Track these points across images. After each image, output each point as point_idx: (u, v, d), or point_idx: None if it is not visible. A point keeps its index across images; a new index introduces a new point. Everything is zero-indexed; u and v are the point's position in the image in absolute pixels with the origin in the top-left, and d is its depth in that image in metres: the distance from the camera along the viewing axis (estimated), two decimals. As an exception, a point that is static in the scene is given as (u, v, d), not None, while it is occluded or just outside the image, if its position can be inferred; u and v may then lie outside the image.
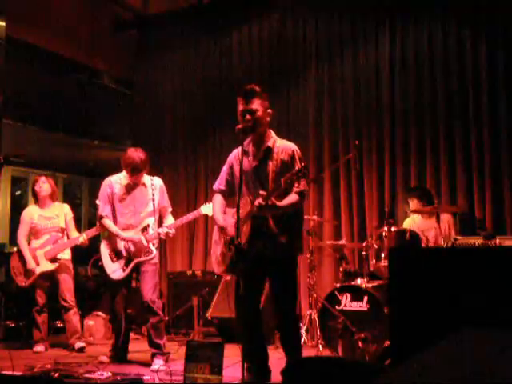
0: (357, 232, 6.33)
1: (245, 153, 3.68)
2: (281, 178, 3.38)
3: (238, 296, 3.55)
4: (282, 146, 3.68)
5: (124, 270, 4.68)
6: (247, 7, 7.29)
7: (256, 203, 3.41)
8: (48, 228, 5.62)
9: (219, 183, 3.95)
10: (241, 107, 3.63)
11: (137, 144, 5.27)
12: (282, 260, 3.61)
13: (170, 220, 4.86)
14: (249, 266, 3.49)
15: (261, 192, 3.44)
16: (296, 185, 3.48)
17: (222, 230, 3.74)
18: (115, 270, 4.70)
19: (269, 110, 3.72)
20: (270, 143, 3.68)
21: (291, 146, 3.70)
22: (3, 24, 6.85)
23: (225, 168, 3.91)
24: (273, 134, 3.76)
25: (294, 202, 3.54)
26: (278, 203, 3.44)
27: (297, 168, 3.32)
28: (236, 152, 3.77)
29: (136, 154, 4.72)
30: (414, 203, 5.60)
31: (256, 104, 3.64)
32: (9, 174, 8.23)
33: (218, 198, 3.94)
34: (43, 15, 6.94)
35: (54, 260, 5.50)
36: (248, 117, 3.59)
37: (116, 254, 4.73)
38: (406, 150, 6.18)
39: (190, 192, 7.50)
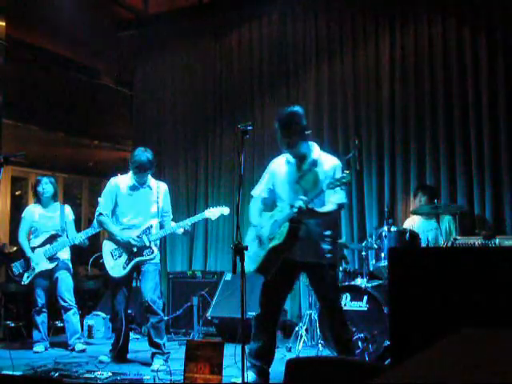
0: (357, 232, 6.33)
1: (288, 162, 3.91)
2: (322, 187, 3.59)
3: (264, 295, 3.69)
4: (326, 158, 3.91)
5: (124, 268, 4.69)
6: (247, 7, 7.29)
7: (297, 206, 3.53)
8: (48, 227, 5.63)
9: (261, 190, 4.03)
10: (279, 137, 3.88)
11: (137, 144, 5.28)
12: (323, 266, 3.77)
13: (169, 223, 4.90)
14: (279, 268, 3.68)
15: (301, 197, 3.59)
16: (336, 195, 3.67)
17: (257, 231, 3.85)
18: (115, 267, 4.72)
19: (308, 132, 3.94)
20: (314, 156, 3.88)
21: (334, 159, 3.95)
22: (3, 24, 6.86)
23: (265, 176, 4.05)
24: (317, 146, 3.99)
25: (332, 211, 3.73)
26: (316, 209, 3.61)
27: (340, 176, 3.53)
28: (277, 161, 4.01)
29: (145, 154, 4.78)
30: (417, 201, 5.60)
31: (293, 134, 3.81)
32: (9, 174, 8.22)
33: (257, 204, 4.01)
34: (43, 15, 6.94)
35: (53, 259, 5.50)
36: (286, 147, 3.87)
37: (117, 253, 4.74)
38: (406, 150, 6.18)
39: (189, 192, 7.50)
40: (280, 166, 3.97)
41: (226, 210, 4.91)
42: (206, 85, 7.54)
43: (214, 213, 4.88)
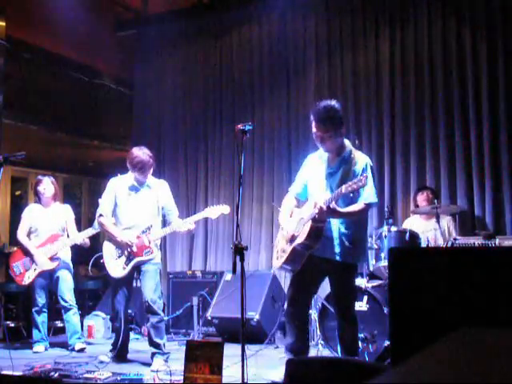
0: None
1: (320, 157, 3.88)
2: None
3: (290, 290, 3.76)
4: (357, 157, 3.82)
5: (124, 269, 4.69)
6: (247, 7, 7.29)
7: (317, 206, 3.52)
8: (48, 227, 5.63)
9: (295, 185, 4.07)
10: (314, 130, 3.83)
11: (137, 144, 5.27)
12: (339, 264, 3.77)
13: (175, 221, 4.87)
14: (305, 264, 3.72)
15: (324, 196, 3.58)
16: (364, 194, 3.64)
17: (282, 228, 3.89)
18: (115, 267, 4.72)
19: (342, 130, 3.90)
20: (345, 154, 3.82)
21: (365, 158, 3.86)
22: (3, 24, 6.86)
23: (301, 170, 4.07)
24: (350, 144, 3.92)
25: (357, 210, 3.68)
26: (338, 209, 3.57)
27: (359, 178, 3.44)
28: (312, 155, 4.01)
29: (142, 152, 4.78)
30: (423, 198, 5.61)
31: (328, 129, 3.77)
32: (9, 174, 8.22)
33: (290, 199, 4.04)
34: (43, 15, 6.94)
35: (53, 259, 5.50)
36: (321, 141, 3.82)
37: (118, 252, 4.75)
38: (406, 149, 6.19)
39: (189, 192, 7.50)
40: (313, 160, 3.96)
41: (226, 209, 4.90)
42: (206, 85, 7.54)
43: (214, 211, 4.88)
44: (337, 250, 3.74)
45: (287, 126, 6.88)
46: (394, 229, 5.02)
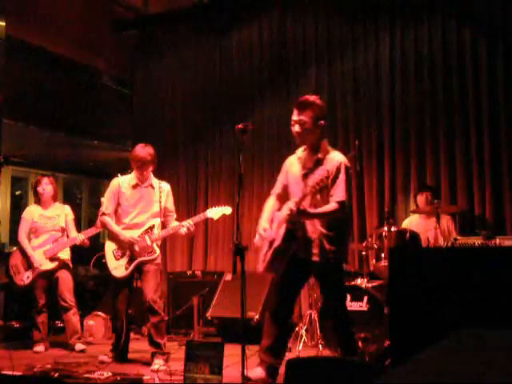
0: (357, 232, 6.33)
1: (298, 158, 3.83)
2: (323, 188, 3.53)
3: (273, 293, 3.72)
4: (332, 157, 3.75)
5: (127, 269, 4.70)
6: (247, 7, 7.29)
7: (287, 209, 3.50)
8: (48, 227, 5.62)
9: (276, 186, 4.00)
10: (293, 117, 3.76)
11: (136, 144, 5.28)
12: (321, 265, 3.72)
13: (174, 223, 4.89)
14: (286, 267, 3.70)
15: (294, 199, 3.55)
16: (335, 193, 3.60)
17: (262, 232, 3.79)
18: (118, 267, 4.73)
19: (321, 122, 3.78)
20: (321, 154, 3.76)
21: (340, 157, 3.76)
22: (3, 24, 6.85)
23: (280, 174, 4.00)
24: (327, 145, 3.85)
25: (329, 211, 3.61)
26: (308, 210, 3.53)
27: (326, 175, 3.42)
28: (292, 155, 3.93)
29: (146, 149, 4.82)
30: (422, 199, 5.61)
31: (306, 115, 3.71)
32: (9, 174, 8.22)
33: (271, 201, 3.96)
34: (43, 15, 6.94)
35: (53, 259, 5.50)
36: (297, 128, 3.73)
37: (120, 252, 4.76)
38: (406, 149, 6.19)
39: (189, 192, 7.50)
40: (292, 162, 3.90)
41: (228, 210, 4.90)
42: (206, 85, 7.54)
43: (216, 212, 4.88)
44: (316, 250, 3.68)
45: (287, 125, 6.83)
46: (393, 229, 5.02)
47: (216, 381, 3.28)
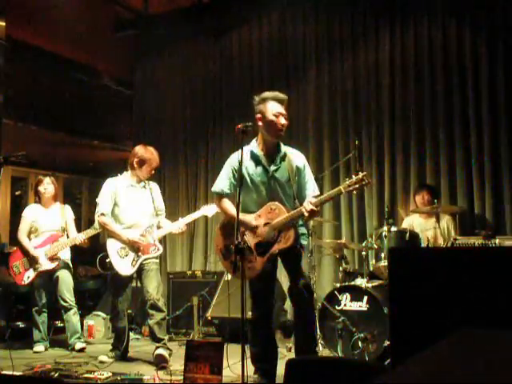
0: (357, 232, 6.33)
1: (254, 157, 3.77)
2: (294, 183, 3.65)
3: (259, 295, 3.75)
4: (295, 152, 3.85)
5: (133, 266, 4.76)
6: (247, 7, 7.29)
7: (309, 209, 3.51)
8: (48, 227, 5.63)
9: (224, 186, 3.86)
10: (281, 110, 3.76)
11: (136, 144, 5.29)
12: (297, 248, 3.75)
13: (165, 221, 4.94)
14: (269, 268, 3.71)
15: (311, 199, 3.59)
16: (311, 186, 3.77)
17: (252, 229, 3.72)
18: (124, 266, 4.77)
19: None
20: (283, 149, 3.82)
21: (300, 153, 3.90)
22: (3, 24, 6.85)
23: (228, 171, 3.87)
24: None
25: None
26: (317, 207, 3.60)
27: (360, 176, 3.53)
28: (238, 155, 3.74)
29: (144, 149, 4.94)
30: (419, 199, 5.61)
31: (286, 110, 3.80)
32: (9, 174, 8.23)
33: (229, 201, 3.88)
34: (43, 15, 6.94)
35: (53, 259, 5.50)
36: (285, 122, 3.76)
37: (123, 252, 4.79)
38: (406, 149, 6.18)
39: (189, 192, 7.50)
40: (244, 160, 3.82)
41: None
42: (206, 85, 7.54)
43: (210, 209, 4.94)
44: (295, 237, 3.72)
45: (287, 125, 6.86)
46: (393, 229, 5.02)
47: (216, 381, 3.28)
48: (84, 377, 4.09)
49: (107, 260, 4.83)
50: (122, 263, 4.76)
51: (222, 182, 3.85)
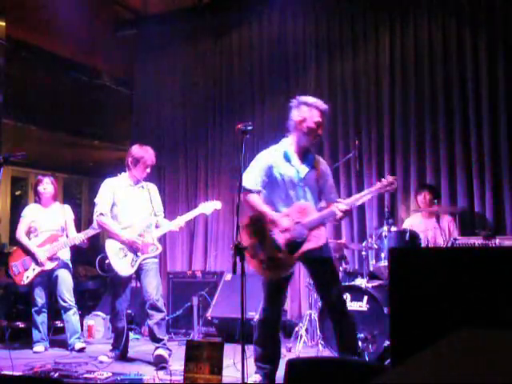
0: (357, 232, 6.33)
1: (287, 157, 3.81)
2: (320, 186, 3.78)
3: (273, 297, 3.76)
4: (320, 158, 3.99)
5: (133, 266, 4.76)
6: (247, 7, 7.29)
7: (343, 209, 3.61)
8: (48, 227, 5.63)
9: (256, 182, 3.80)
10: (319, 118, 3.83)
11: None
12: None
13: (164, 221, 4.95)
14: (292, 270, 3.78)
15: (341, 200, 3.71)
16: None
17: (282, 227, 3.69)
18: (123, 266, 4.76)
19: None
20: (311, 152, 3.91)
21: (324, 160, 4.04)
22: (3, 24, 6.85)
23: (260, 167, 3.82)
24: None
25: None
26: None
27: (390, 181, 3.70)
28: (274, 153, 3.86)
29: (139, 148, 4.94)
30: (420, 199, 5.61)
31: None
32: (9, 174, 8.22)
33: (258, 197, 3.81)
34: (43, 15, 6.94)
35: (53, 259, 5.49)
36: (321, 132, 3.90)
37: (122, 252, 4.78)
38: (406, 149, 6.19)
39: (189, 192, 7.50)
40: (278, 159, 3.92)
41: (218, 205, 5.03)
42: (206, 85, 7.54)
43: (207, 207, 4.95)
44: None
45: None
46: (393, 229, 5.03)
47: (216, 381, 3.28)
48: (84, 377, 4.09)
49: (106, 261, 4.83)
50: (121, 264, 4.76)
51: (254, 177, 3.79)
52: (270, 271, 3.67)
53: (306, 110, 3.80)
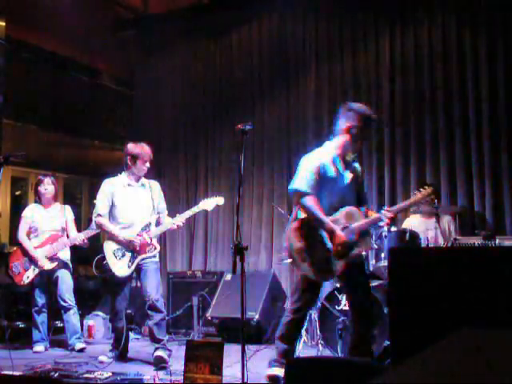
0: (357, 232, 6.32)
1: (335, 161, 3.81)
2: (358, 191, 3.87)
3: (309, 300, 3.84)
4: (357, 163, 4.00)
5: (129, 267, 4.73)
6: (247, 7, 7.29)
7: (389, 216, 3.70)
8: (48, 227, 5.63)
9: (311, 184, 3.70)
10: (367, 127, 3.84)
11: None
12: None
13: (167, 219, 4.93)
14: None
15: (389, 207, 3.84)
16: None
17: (332, 232, 3.67)
18: (121, 267, 4.75)
19: None
20: (355, 159, 3.94)
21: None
22: (3, 24, 6.85)
23: (314, 169, 3.73)
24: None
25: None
26: None
27: (430, 190, 3.74)
28: (324, 157, 3.80)
29: (135, 145, 4.93)
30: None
31: None
32: (9, 174, 8.21)
33: (315, 201, 3.72)
34: (43, 15, 6.94)
35: (53, 259, 5.49)
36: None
37: (120, 252, 4.77)
38: (406, 149, 6.19)
39: (189, 192, 7.50)
40: (331, 161, 3.88)
41: (220, 200, 4.95)
42: (206, 85, 7.54)
43: (209, 203, 4.90)
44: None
45: (287, 125, 6.88)
46: (394, 229, 5.02)
47: (216, 381, 3.28)
48: (84, 377, 4.09)
49: (104, 262, 4.82)
50: (119, 264, 4.74)
51: (308, 180, 3.68)
52: (320, 274, 3.71)
53: (363, 119, 3.78)
